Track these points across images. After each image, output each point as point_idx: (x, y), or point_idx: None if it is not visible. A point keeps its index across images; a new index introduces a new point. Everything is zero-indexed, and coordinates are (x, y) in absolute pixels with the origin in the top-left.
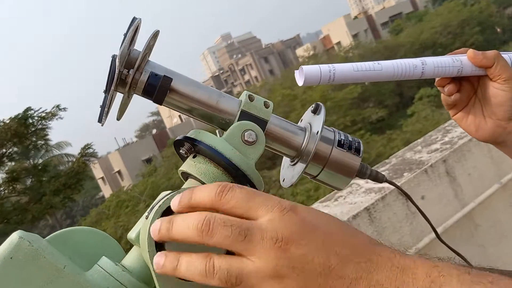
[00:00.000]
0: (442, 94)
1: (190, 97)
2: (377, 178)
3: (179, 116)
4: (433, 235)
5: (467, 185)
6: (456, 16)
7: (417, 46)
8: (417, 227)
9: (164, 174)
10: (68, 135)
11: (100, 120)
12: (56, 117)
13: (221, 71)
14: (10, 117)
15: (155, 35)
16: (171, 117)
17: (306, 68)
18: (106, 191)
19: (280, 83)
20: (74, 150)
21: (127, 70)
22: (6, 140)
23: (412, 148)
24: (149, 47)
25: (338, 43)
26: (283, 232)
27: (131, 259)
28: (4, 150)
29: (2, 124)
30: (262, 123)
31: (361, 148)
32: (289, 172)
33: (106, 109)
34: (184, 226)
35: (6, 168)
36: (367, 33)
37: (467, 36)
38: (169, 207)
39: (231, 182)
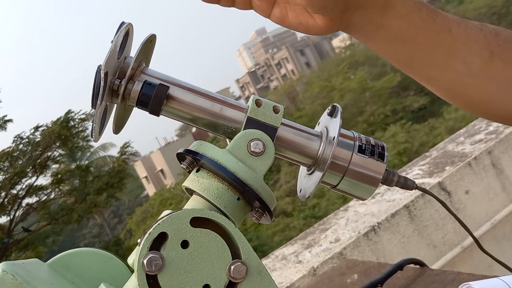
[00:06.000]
0: None
1: (190, 105)
2: (406, 185)
3: None
4: (479, 233)
5: None
6: None
7: None
8: None
9: None
10: (113, 137)
11: (91, 135)
12: None
13: (257, 67)
14: (52, 121)
15: (150, 40)
16: None
17: None
18: (150, 189)
19: (317, 75)
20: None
21: (119, 80)
22: (51, 144)
23: (454, 140)
24: (142, 54)
25: None
26: None
27: (132, 285)
28: (49, 153)
29: (46, 128)
30: (271, 130)
31: (386, 153)
32: (306, 182)
33: (95, 125)
34: None
35: (52, 171)
36: None
37: None
38: (160, 234)
39: (238, 198)
